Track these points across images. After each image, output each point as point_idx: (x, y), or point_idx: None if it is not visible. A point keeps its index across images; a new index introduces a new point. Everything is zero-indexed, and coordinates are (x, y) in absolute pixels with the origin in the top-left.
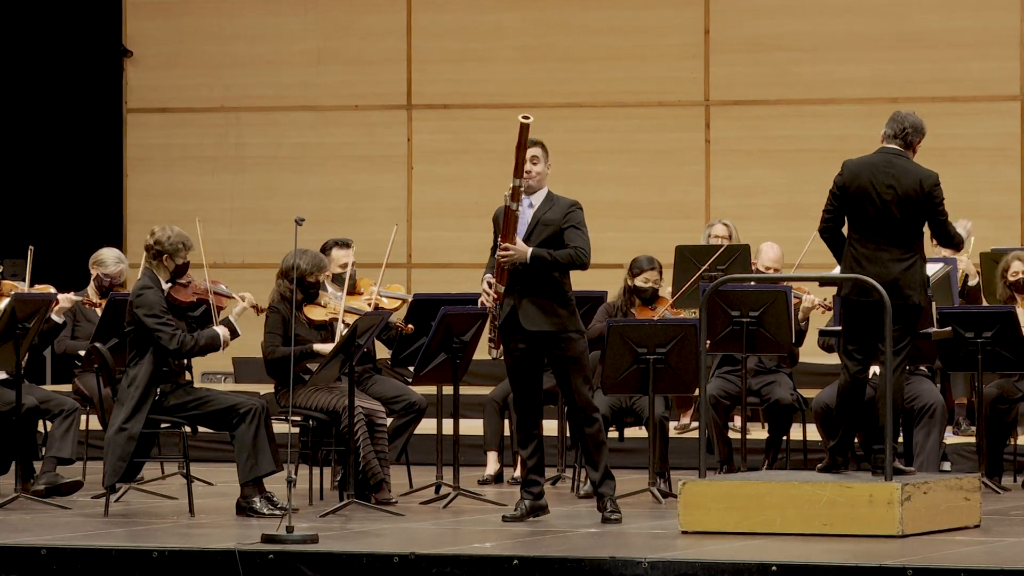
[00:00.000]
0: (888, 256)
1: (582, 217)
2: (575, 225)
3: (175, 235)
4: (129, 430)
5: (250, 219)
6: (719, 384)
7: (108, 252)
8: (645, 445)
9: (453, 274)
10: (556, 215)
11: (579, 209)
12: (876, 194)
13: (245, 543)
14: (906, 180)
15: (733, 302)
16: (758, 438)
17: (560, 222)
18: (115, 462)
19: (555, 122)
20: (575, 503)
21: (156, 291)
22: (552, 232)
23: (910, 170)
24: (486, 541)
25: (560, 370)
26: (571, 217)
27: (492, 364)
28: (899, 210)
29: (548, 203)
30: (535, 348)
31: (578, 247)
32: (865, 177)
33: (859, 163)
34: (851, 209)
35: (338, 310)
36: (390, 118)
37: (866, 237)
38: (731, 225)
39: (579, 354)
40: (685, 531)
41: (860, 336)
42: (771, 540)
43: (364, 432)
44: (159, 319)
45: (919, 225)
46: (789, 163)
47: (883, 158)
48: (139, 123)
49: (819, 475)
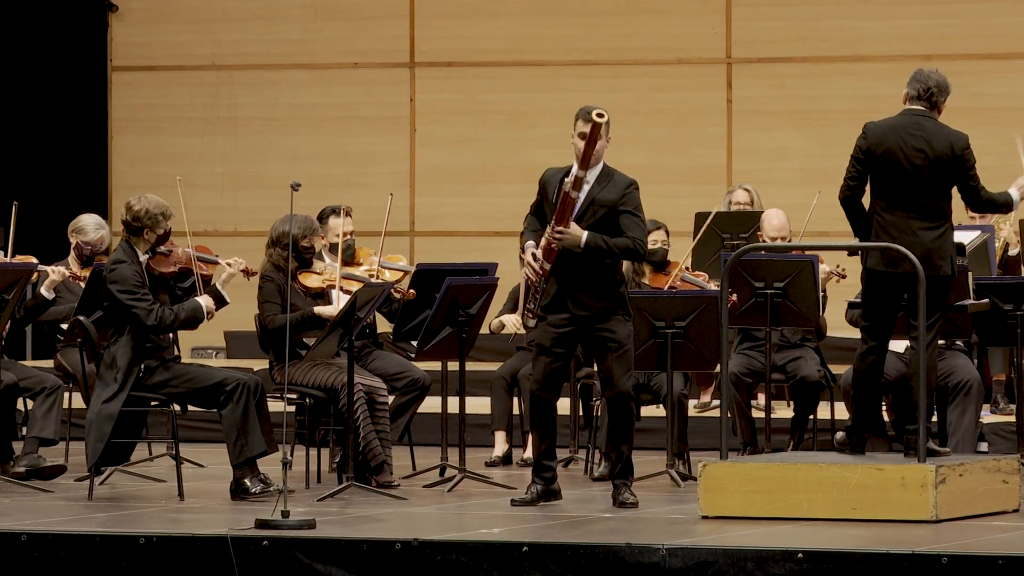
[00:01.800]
0: (918, 224)
1: (639, 200)
2: (632, 210)
3: (153, 206)
4: (107, 408)
5: (242, 184)
6: (741, 360)
7: (87, 218)
8: (663, 425)
9: (459, 243)
10: (612, 195)
11: (636, 190)
12: (905, 158)
13: (238, 528)
14: (937, 142)
15: (757, 273)
16: (783, 417)
17: (616, 203)
18: (94, 443)
19: (566, 80)
20: (588, 486)
21: (130, 265)
22: (605, 213)
23: (940, 132)
24: (494, 527)
25: (601, 353)
26: (628, 199)
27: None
28: (930, 175)
29: (604, 180)
30: (578, 331)
31: (635, 237)
32: (892, 140)
33: (884, 125)
34: (877, 175)
35: (335, 277)
36: (392, 77)
37: (893, 204)
38: (753, 190)
39: (624, 338)
40: (705, 516)
41: (880, 311)
42: (797, 526)
43: (364, 411)
44: (133, 295)
45: (949, 191)
46: (815, 124)
47: (910, 120)
48: (124, 82)
49: (848, 457)
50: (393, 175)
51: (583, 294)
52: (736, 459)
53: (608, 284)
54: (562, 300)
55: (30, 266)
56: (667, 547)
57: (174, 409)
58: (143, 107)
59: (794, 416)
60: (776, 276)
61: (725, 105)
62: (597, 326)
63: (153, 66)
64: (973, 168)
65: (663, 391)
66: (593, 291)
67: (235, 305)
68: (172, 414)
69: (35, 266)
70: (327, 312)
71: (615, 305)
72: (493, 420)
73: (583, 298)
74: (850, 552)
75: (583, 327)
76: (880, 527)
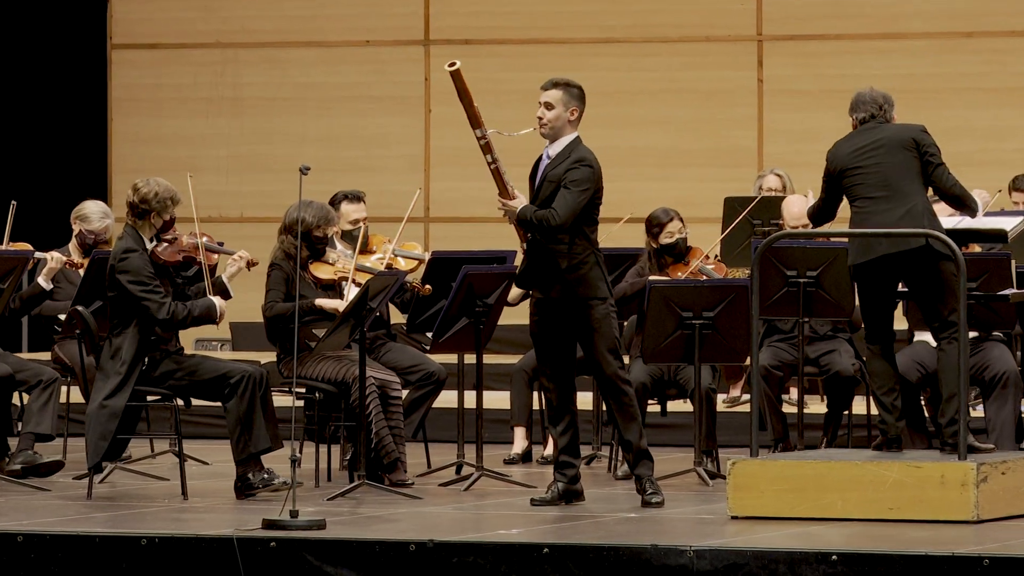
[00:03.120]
0: (884, 206)
1: (581, 176)
2: (567, 183)
3: (162, 189)
4: (111, 406)
5: (249, 168)
6: (771, 353)
7: (92, 206)
8: (690, 420)
9: (476, 229)
10: (559, 171)
11: (584, 166)
12: (864, 157)
13: (244, 529)
14: (890, 132)
15: (789, 261)
16: (816, 412)
17: (560, 177)
18: (96, 440)
19: (588, 59)
20: (612, 485)
21: (141, 254)
22: (553, 189)
23: (891, 127)
24: (513, 527)
25: (582, 338)
26: (570, 174)
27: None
28: (890, 168)
29: (563, 156)
30: (553, 313)
31: (552, 208)
32: (847, 149)
33: (839, 144)
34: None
35: (347, 269)
36: (405, 55)
37: (863, 200)
38: (785, 176)
39: (598, 320)
40: (735, 516)
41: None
42: (831, 526)
43: (377, 405)
44: (146, 287)
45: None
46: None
47: (862, 128)
48: (125, 61)
49: (884, 454)
50: (406, 158)
51: (546, 273)
52: (767, 456)
53: (569, 264)
54: (530, 277)
55: (26, 254)
56: (694, 549)
57: (177, 403)
58: (144, 87)
59: (828, 412)
60: (809, 264)
61: (755, 85)
62: (567, 311)
63: (155, 44)
64: (933, 148)
65: (690, 385)
66: (554, 270)
67: (242, 295)
68: (175, 409)
69: (31, 254)
70: (329, 305)
71: (580, 285)
72: (512, 415)
73: (544, 279)
74: (887, 554)
75: (556, 312)
76: (918, 528)
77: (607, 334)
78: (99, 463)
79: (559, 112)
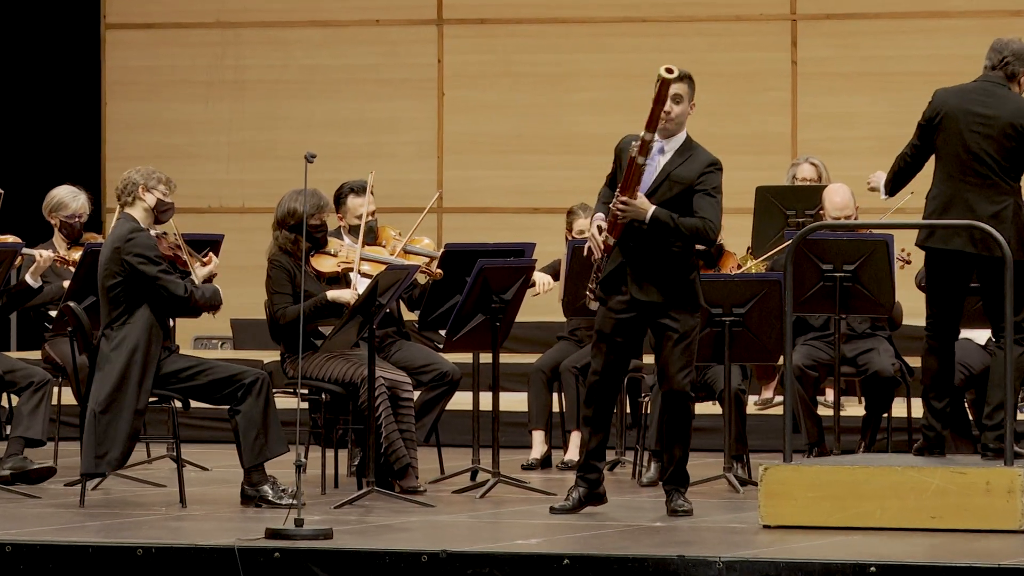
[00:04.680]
0: (974, 197)
1: (719, 181)
2: (709, 191)
3: (147, 170)
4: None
5: (251, 156)
6: (806, 352)
7: (61, 190)
8: (719, 423)
9: (491, 220)
10: (689, 172)
11: (718, 170)
12: (966, 126)
13: (246, 539)
14: (1005, 111)
15: (825, 254)
16: (854, 415)
17: (693, 181)
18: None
19: (610, 40)
20: (636, 492)
21: (148, 234)
22: (681, 191)
23: (1011, 100)
24: (531, 537)
25: (661, 345)
26: (706, 179)
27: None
28: (993, 146)
29: (683, 153)
30: (640, 318)
31: (707, 219)
32: (955, 106)
33: (951, 91)
34: (938, 144)
35: (351, 259)
36: (417, 35)
37: (950, 176)
38: (821, 164)
39: (686, 331)
40: (767, 525)
41: (937, 297)
42: (869, 536)
43: (387, 408)
44: (159, 265)
45: (1017, 166)
46: (890, 88)
47: (980, 86)
48: (120, 41)
49: (925, 460)
50: (418, 144)
51: (648, 278)
52: (801, 462)
53: (677, 270)
54: (622, 280)
55: (15, 247)
56: (724, 560)
57: (175, 405)
58: (140, 69)
59: (866, 414)
60: (846, 258)
61: (789, 67)
62: (659, 314)
63: (151, 23)
64: None
65: (719, 386)
66: (659, 275)
67: (243, 290)
68: (173, 411)
69: (20, 247)
70: (342, 297)
71: (683, 294)
72: (530, 418)
73: (647, 282)
74: (928, 565)
75: (645, 314)
76: (962, 537)
77: (689, 347)
78: (95, 473)
79: (686, 107)
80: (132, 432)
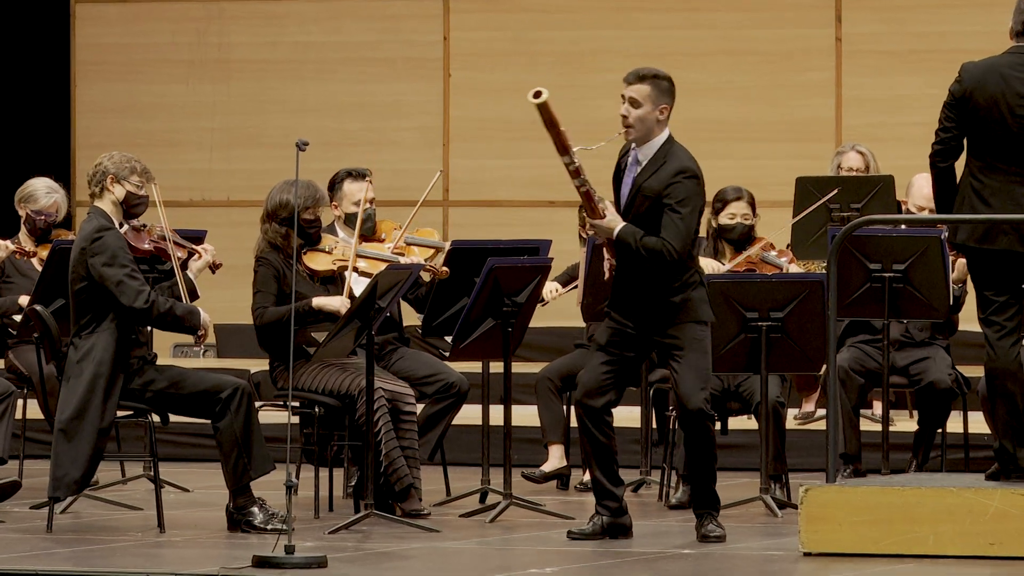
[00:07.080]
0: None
1: (687, 192)
2: (673, 205)
3: (122, 157)
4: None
5: (237, 143)
6: (854, 355)
7: (36, 183)
8: (755, 440)
9: (502, 214)
10: (658, 183)
11: (687, 179)
12: (1007, 106)
13: (231, 568)
14: None
15: (873, 252)
16: (904, 430)
17: (660, 192)
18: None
19: (635, 16)
20: (664, 515)
21: (116, 233)
22: (649, 205)
23: None
24: (547, 565)
25: (666, 365)
26: (672, 191)
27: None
28: None
29: (656, 162)
30: (640, 336)
31: (666, 240)
32: (992, 84)
33: (982, 66)
34: (973, 128)
35: (347, 256)
36: (421, 10)
37: (992, 165)
38: (868, 153)
39: (689, 343)
40: (808, 552)
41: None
42: (921, 565)
43: (387, 422)
44: (124, 268)
45: None
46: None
47: (1014, 59)
48: (91, 16)
49: (985, 482)
50: (421, 130)
51: (644, 295)
52: (846, 482)
53: (671, 285)
54: (621, 298)
55: None
56: None
57: (152, 420)
58: (113, 47)
59: (919, 429)
60: (896, 256)
61: (833, 45)
62: (657, 333)
63: None
64: None
65: (755, 398)
66: (653, 292)
67: (229, 293)
68: (151, 426)
69: None
70: (330, 305)
71: (682, 310)
72: (544, 431)
73: (643, 300)
74: None
75: (645, 331)
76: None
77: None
78: (62, 495)
79: (647, 111)
80: (93, 453)
